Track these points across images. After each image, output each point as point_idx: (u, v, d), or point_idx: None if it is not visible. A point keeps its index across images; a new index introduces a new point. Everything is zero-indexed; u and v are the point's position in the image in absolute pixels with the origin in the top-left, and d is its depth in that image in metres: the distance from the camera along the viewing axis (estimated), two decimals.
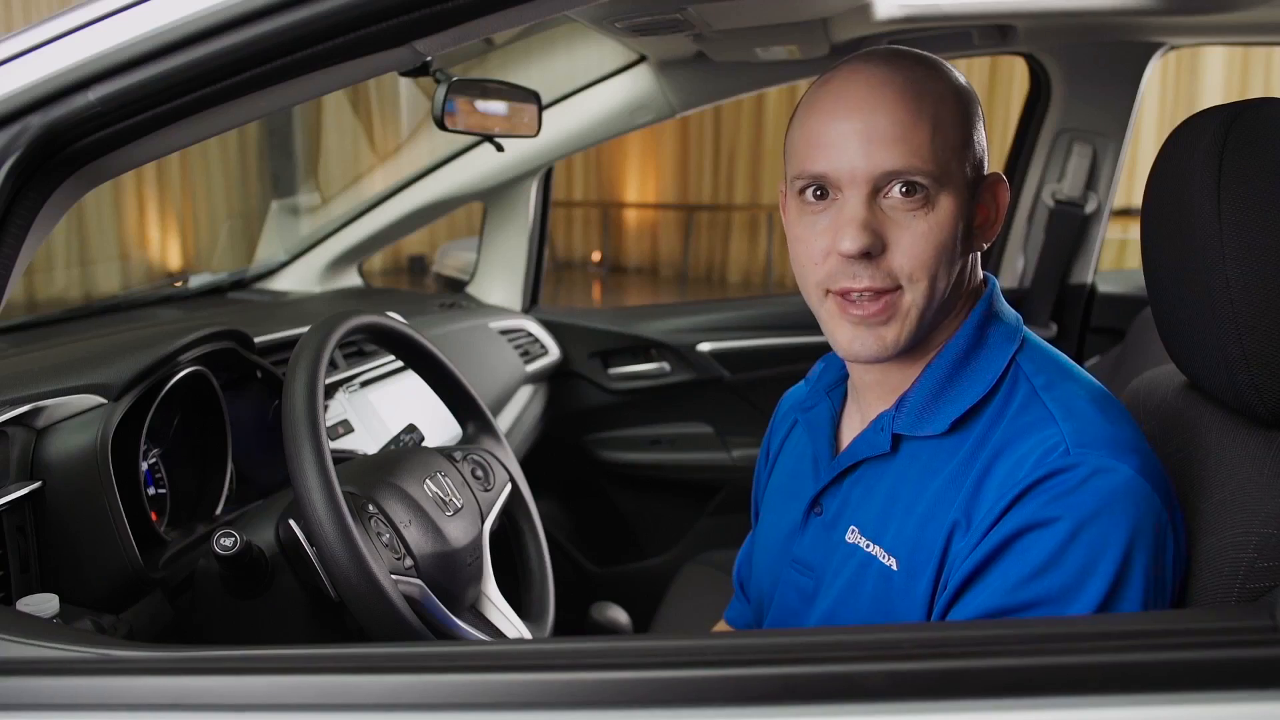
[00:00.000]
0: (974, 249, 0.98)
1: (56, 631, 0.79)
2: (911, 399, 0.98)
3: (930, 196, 0.92)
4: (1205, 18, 1.95)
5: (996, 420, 0.93)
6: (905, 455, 0.98)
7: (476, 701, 0.69)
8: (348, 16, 0.81)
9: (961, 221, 0.94)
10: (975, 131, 0.97)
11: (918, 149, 0.92)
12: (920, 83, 0.94)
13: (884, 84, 0.93)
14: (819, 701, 0.67)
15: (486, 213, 2.56)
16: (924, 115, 0.92)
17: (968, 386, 0.96)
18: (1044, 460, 0.87)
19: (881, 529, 0.96)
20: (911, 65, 0.96)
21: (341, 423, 1.68)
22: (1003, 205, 1.00)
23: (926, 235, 0.93)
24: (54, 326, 1.93)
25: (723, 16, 1.65)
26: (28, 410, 1.08)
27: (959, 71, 0.99)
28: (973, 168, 0.96)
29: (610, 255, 10.92)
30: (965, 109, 0.96)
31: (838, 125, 0.93)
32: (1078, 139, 2.30)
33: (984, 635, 0.71)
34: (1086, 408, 0.91)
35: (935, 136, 0.92)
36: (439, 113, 1.51)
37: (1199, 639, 0.68)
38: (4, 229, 0.84)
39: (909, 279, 0.93)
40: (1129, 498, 0.85)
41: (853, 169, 0.92)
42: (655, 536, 2.58)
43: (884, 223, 0.93)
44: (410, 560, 1.08)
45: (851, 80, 0.95)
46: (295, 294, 2.46)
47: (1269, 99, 0.89)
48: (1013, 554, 0.85)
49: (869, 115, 0.92)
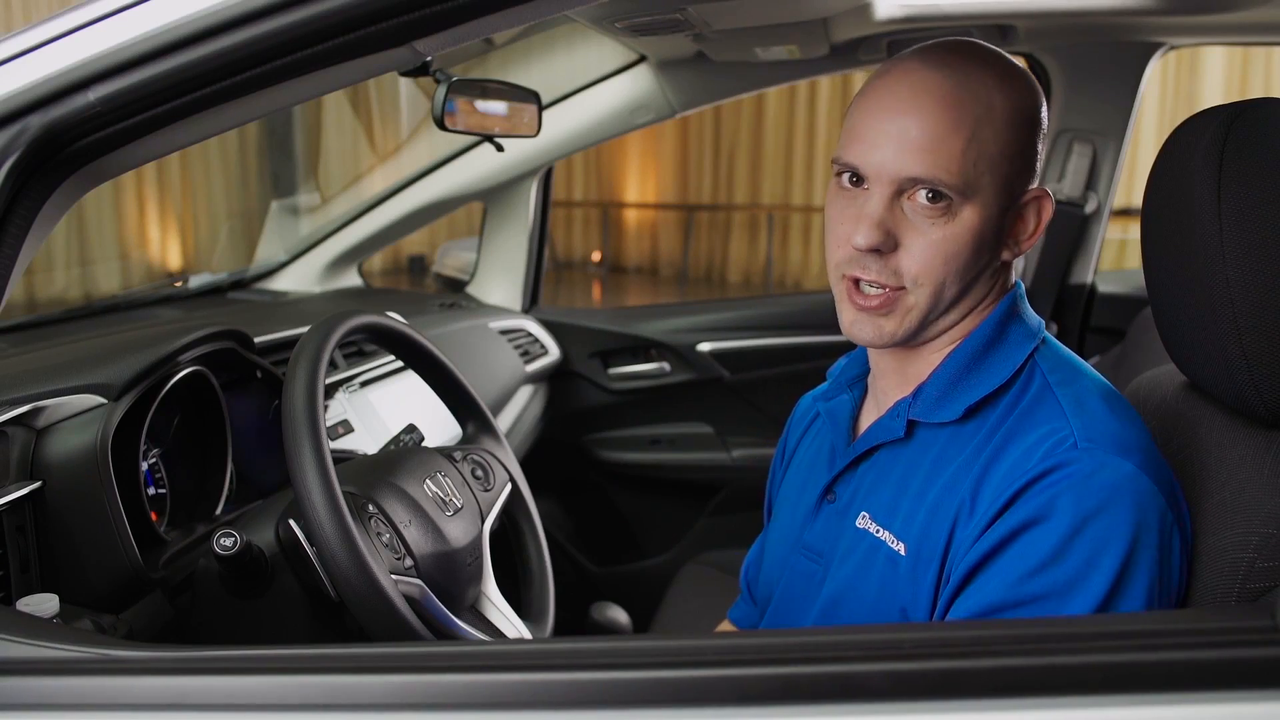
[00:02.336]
0: (1003, 258, 0.99)
1: (56, 631, 0.79)
2: (929, 388, 0.99)
3: (953, 206, 0.93)
4: (1205, 18, 1.95)
5: (1009, 411, 0.95)
6: (919, 442, 0.99)
7: (476, 701, 0.69)
8: (348, 16, 0.81)
9: (987, 233, 0.94)
10: (1023, 145, 0.95)
11: (947, 161, 0.92)
12: (967, 91, 0.93)
13: (929, 89, 0.93)
14: (819, 701, 0.67)
15: (486, 213, 2.56)
16: (961, 126, 0.92)
17: (984, 377, 0.97)
18: (1052, 452, 0.88)
19: (892, 515, 0.98)
20: (966, 69, 0.95)
21: (341, 423, 1.68)
22: (1045, 219, 0.99)
23: (940, 244, 0.94)
24: (54, 326, 1.93)
25: (723, 16, 1.65)
26: (28, 410, 1.08)
27: (1025, 78, 0.98)
28: (1012, 180, 0.95)
29: (610, 255, 10.92)
30: (1014, 121, 0.94)
31: (876, 124, 0.94)
32: (1078, 139, 2.30)
33: (984, 635, 0.71)
34: (1098, 405, 0.92)
35: (970, 149, 0.92)
36: (439, 113, 1.51)
37: (1199, 639, 0.68)
38: (4, 229, 0.84)
39: (914, 281, 0.95)
40: (1134, 494, 0.85)
41: (880, 168, 0.94)
42: (655, 536, 2.58)
43: (901, 223, 0.94)
44: (410, 560, 1.08)
45: (902, 79, 0.95)
46: (295, 294, 2.46)
47: (1269, 99, 0.89)
48: (1016, 548, 0.86)
49: (905, 119, 0.93)
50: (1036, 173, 0.98)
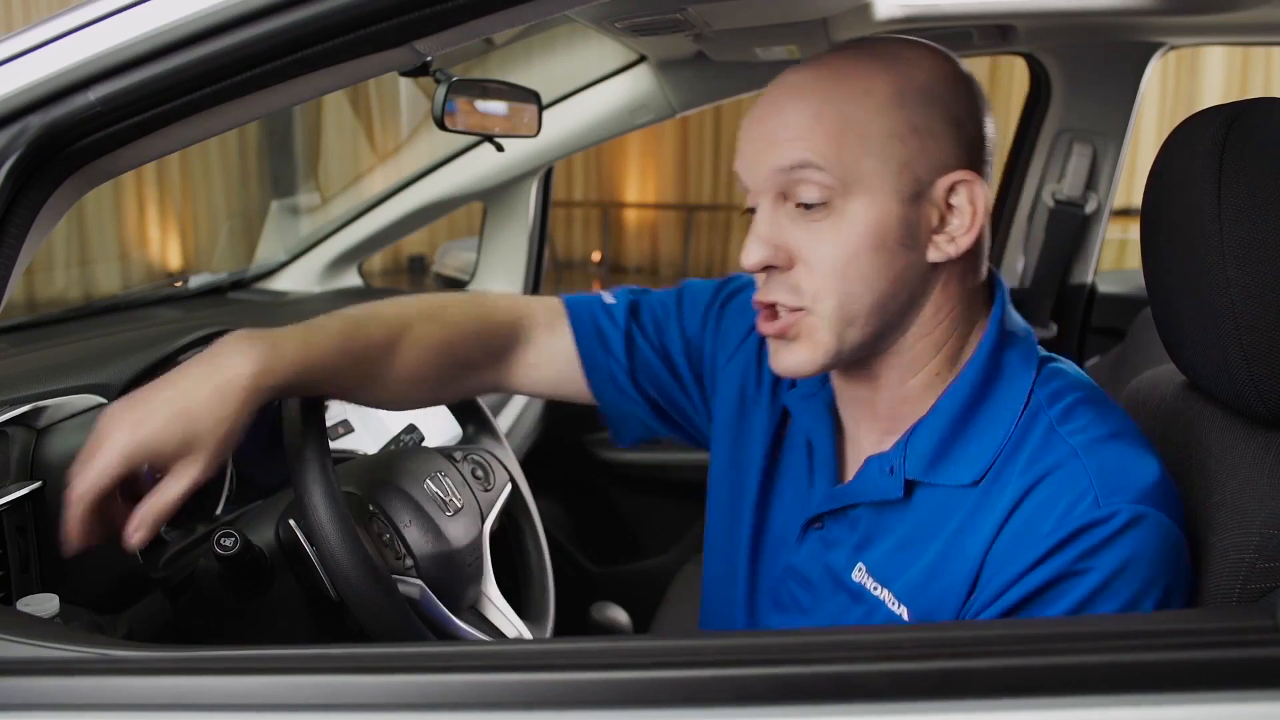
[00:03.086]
0: (932, 258, 0.87)
1: (56, 631, 0.79)
2: (921, 439, 0.90)
3: (835, 202, 0.84)
4: (1205, 18, 1.95)
5: (1012, 457, 0.86)
6: (919, 500, 0.90)
7: (476, 701, 0.69)
8: (348, 16, 0.81)
9: (888, 228, 0.85)
10: (919, 121, 0.85)
11: (815, 145, 0.84)
12: (839, 79, 0.86)
13: (796, 86, 0.87)
14: (819, 701, 0.67)
15: (486, 213, 2.56)
16: (829, 111, 0.84)
17: (987, 425, 0.88)
18: (1072, 511, 0.81)
19: (891, 574, 0.90)
20: (843, 60, 0.87)
21: (341, 423, 1.68)
22: (979, 208, 0.87)
23: (831, 248, 0.85)
24: (54, 326, 1.93)
25: (723, 16, 1.65)
26: (28, 410, 1.07)
27: (924, 55, 0.88)
28: (911, 162, 0.85)
29: (610, 255, 10.92)
30: (903, 98, 0.85)
31: (747, 132, 0.89)
32: (1078, 139, 2.30)
33: (984, 635, 0.71)
34: (1107, 440, 0.85)
35: (844, 133, 0.84)
36: (439, 113, 1.51)
37: (1199, 639, 0.68)
38: (4, 229, 0.84)
39: (813, 297, 0.86)
40: (1163, 547, 0.81)
41: (754, 174, 0.88)
42: (655, 536, 2.57)
43: (791, 236, 0.87)
44: (410, 560, 1.08)
45: (774, 86, 0.89)
46: (295, 294, 2.46)
47: (1269, 99, 0.89)
48: (1040, 603, 0.81)
49: (770, 120, 0.87)
50: (959, 154, 0.87)
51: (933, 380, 0.92)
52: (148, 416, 0.86)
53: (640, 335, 1.16)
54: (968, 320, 0.92)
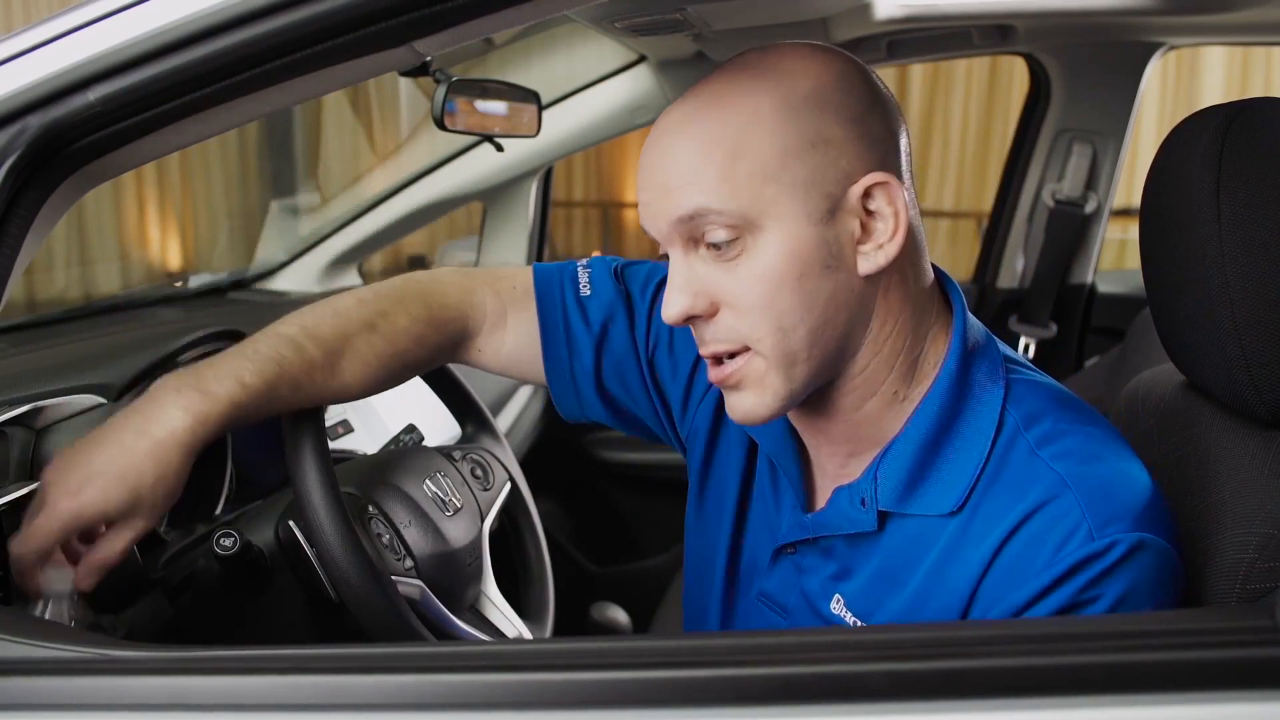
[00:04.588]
0: (864, 271, 0.82)
1: (56, 631, 0.79)
2: (890, 467, 0.86)
3: (745, 239, 0.80)
4: (1205, 18, 1.95)
5: (993, 484, 0.83)
6: (894, 529, 0.87)
7: (476, 701, 0.69)
8: (347, 17, 0.81)
9: (808, 252, 0.80)
10: (815, 132, 0.80)
11: (710, 185, 0.79)
12: (720, 109, 0.81)
13: (677, 125, 0.83)
14: (819, 701, 0.67)
15: (486, 213, 2.56)
16: (716, 146, 0.80)
17: (959, 450, 0.84)
18: (1065, 547, 0.78)
19: (871, 607, 0.88)
20: (722, 86, 0.82)
21: (341, 423, 1.68)
22: (900, 208, 0.81)
23: (752, 286, 0.80)
24: (54, 326, 1.93)
25: (723, 16, 1.64)
26: (28, 410, 1.07)
27: (809, 62, 0.82)
28: (818, 177, 0.80)
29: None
30: (792, 113, 0.80)
31: (642, 182, 0.84)
32: (1078, 139, 2.30)
33: (984, 635, 0.71)
34: (1088, 460, 0.81)
35: (736, 165, 0.79)
36: (439, 113, 1.51)
37: (1199, 639, 0.68)
38: (4, 229, 0.84)
39: (751, 339, 0.82)
40: (1162, 574, 0.80)
41: (657, 227, 0.84)
42: (655, 536, 2.57)
43: (706, 279, 0.82)
44: (410, 560, 1.08)
45: (656, 128, 0.84)
46: (295, 294, 2.46)
47: (1269, 99, 0.89)
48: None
49: (659, 167, 0.83)
50: (867, 156, 0.82)
51: (891, 400, 0.87)
52: (88, 481, 0.85)
53: (609, 343, 1.11)
54: (920, 328, 0.87)
